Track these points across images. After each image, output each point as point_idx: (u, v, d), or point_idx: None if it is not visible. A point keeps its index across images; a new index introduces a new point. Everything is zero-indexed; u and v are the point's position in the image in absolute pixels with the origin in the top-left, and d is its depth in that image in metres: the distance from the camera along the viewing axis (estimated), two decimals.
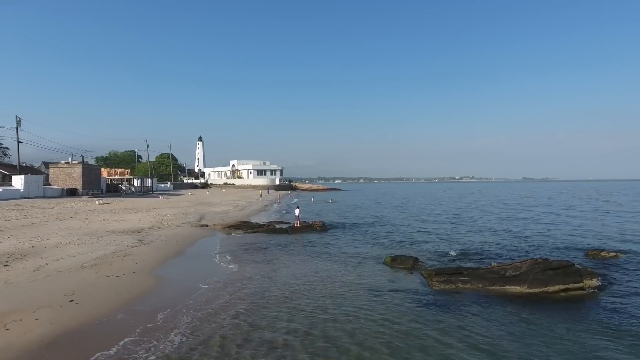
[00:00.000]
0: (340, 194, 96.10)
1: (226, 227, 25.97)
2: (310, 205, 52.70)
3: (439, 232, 25.15)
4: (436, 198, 74.08)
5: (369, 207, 49.21)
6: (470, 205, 50.71)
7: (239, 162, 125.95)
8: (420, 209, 45.49)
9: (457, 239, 22.47)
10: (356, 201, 62.94)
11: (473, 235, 23.72)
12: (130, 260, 14.42)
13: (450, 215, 37.20)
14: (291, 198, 70.48)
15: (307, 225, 26.39)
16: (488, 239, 22.06)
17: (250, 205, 46.16)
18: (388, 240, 22.13)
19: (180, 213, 32.52)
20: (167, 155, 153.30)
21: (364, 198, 75.12)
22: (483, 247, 19.12)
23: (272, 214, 37.26)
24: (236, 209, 38.77)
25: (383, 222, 31.41)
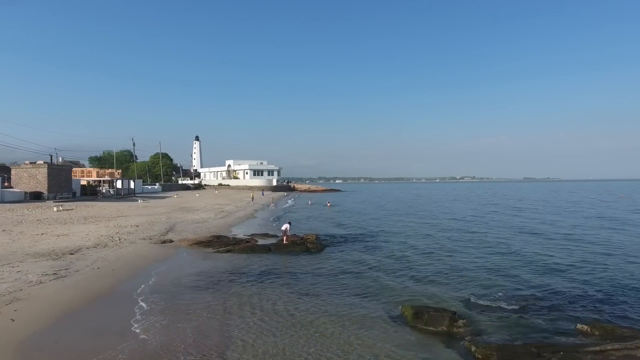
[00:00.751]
0: (340, 196, 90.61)
1: (194, 243, 20.51)
2: (307, 209, 47.26)
3: (463, 254, 19.63)
4: (441, 200, 68.56)
5: (371, 212, 43.75)
6: (486, 213, 45.12)
7: (235, 162, 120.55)
8: (430, 216, 39.98)
9: (492, 265, 16.97)
10: (357, 205, 57.47)
11: (511, 263, 18.17)
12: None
13: (467, 226, 31.67)
14: (287, 201, 65.00)
15: (297, 241, 20.95)
16: (541, 275, 16.54)
17: (237, 210, 40.69)
18: (400, 266, 16.64)
19: (147, 223, 27.04)
20: (159, 155, 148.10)
21: (365, 201, 69.63)
22: (539, 285, 13.60)
23: (260, 223, 31.78)
24: (218, 216, 33.30)
25: (389, 234, 25.92)
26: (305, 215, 40.08)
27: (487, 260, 17.65)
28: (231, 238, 21.74)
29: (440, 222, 33.06)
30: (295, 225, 30.83)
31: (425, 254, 19.28)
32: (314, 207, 52.19)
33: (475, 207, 50.24)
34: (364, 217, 37.24)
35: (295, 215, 40.32)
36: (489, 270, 15.65)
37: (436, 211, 44.55)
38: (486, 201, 65.46)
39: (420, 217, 37.58)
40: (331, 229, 28.74)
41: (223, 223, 29.47)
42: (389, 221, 34.10)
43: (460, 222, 33.48)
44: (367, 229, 28.28)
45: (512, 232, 26.60)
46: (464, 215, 38.87)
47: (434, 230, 27.75)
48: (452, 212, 43.05)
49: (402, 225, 30.76)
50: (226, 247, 19.77)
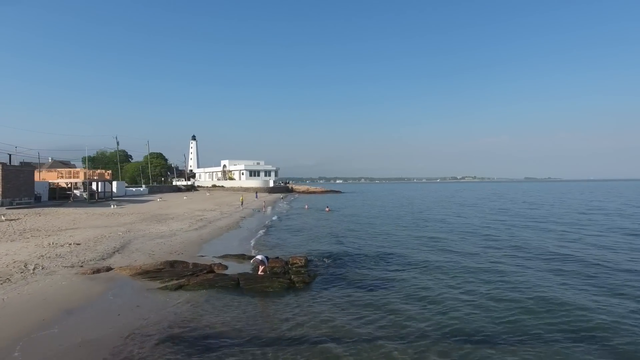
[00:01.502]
0: (340, 198, 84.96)
1: (139, 273, 14.96)
2: (302, 216, 41.69)
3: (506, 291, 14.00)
4: (448, 202, 62.91)
5: (377, 219, 38.18)
6: (507, 219, 39.46)
7: (231, 162, 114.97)
8: (445, 226, 34.39)
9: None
10: (358, 209, 51.87)
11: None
12: None
13: (500, 239, 26.07)
14: (282, 204, 59.38)
15: (278, 269, 15.43)
16: None
17: (221, 218, 35.14)
18: (422, 311, 11.08)
19: (95, 239, 21.48)
20: (155, 154, 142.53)
21: (367, 204, 63.97)
22: None
23: (242, 236, 26.20)
24: (193, 227, 27.73)
25: (403, 253, 20.35)
26: (299, 224, 34.52)
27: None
28: (191, 265, 16.11)
29: (464, 236, 27.43)
30: (285, 238, 25.31)
31: (446, 285, 13.74)
32: (311, 212, 46.60)
33: (491, 213, 44.65)
34: (369, 227, 31.64)
35: (288, 223, 34.78)
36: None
37: (449, 218, 38.96)
38: (505, 205, 59.75)
39: (436, 229, 31.99)
40: (328, 244, 23.16)
41: (195, 237, 23.89)
42: (400, 232, 28.50)
43: (491, 235, 27.85)
44: (374, 245, 22.69)
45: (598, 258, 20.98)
46: (486, 223, 33.27)
47: (458, 247, 22.15)
48: (468, 219, 37.44)
49: (417, 239, 25.16)
50: (179, 279, 14.24)
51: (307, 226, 32.61)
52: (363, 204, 64.65)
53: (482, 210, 46.76)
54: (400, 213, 45.14)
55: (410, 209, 52.15)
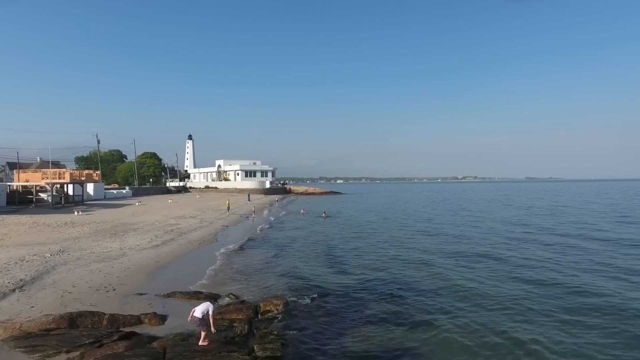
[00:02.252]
0: (341, 200, 79.22)
1: (17, 336, 9.41)
2: (295, 223, 36.08)
3: None
4: (458, 206, 57.25)
5: (383, 228, 32.60)
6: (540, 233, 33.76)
7: (226, 162, 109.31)
8: (465, 233, 28.74)
9: None
10: (360, 215, 46.22)
11: None
12: None
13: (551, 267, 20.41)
14: (275, 209, 53.71)
15: (238, 330, 9.89)
16: None
17: (198, 227, 29.54)
18: None
19: (7, 262, 15.90)
20: (149, 154, 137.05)
21: (370, 208, 58.25)
22: None
23: (212, 258, 20.55)
24: (153, 243, 22.13)
25: (426, 287, 14.73)
26: (289, 235, 28.87)
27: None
28: (105, 320, 10.41)
29: (503, 252, 21.77)
30: (265, 260, 19.63)
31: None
32: (306, 218, 40.97)
33: (503, 214, 39.03)
34: (375, 242, 26.00)
35: (276, 235, 29.14)
36: None
37: (467, 224, 33.36)
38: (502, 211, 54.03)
39: (459, 243, 26.33)
40: (321, 273, 17.50)
41: (148, 259, 18.27)
42: (415, 252, 22.86)
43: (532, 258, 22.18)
44: (382, 273, 17.06)
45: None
46: (512, 235, 27.63)
47: (498, 272, 16.49)
48: (491, 229, 31.79)
49: (441, 262, 19.50)
50: (70, 351, 8.66)
51: (298, 238, 26.94)
52: (365, 206, 59.00)
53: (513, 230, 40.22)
54: (408, 221, 39.55)
55: (416, 216, 46.51)
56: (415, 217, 42.61)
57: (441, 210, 51.17)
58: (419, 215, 44.93)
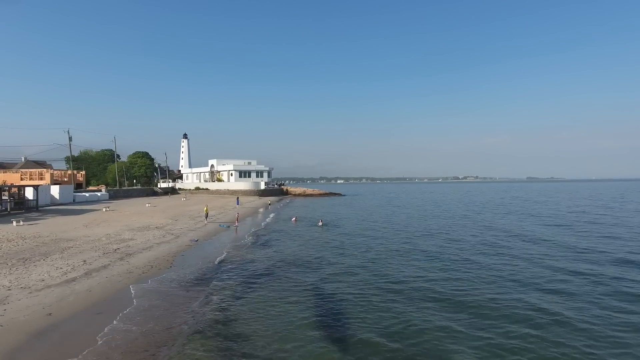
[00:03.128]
0: (341, 204, 72.20)
1: None
2: (284, 236, 29.16)
3: None
4: (475, 211, 50.31)
5: (394, 244, 25.68)
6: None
7: (219, 161, 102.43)
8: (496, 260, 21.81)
9: None
10: (364, 224, 39.27)
11: None
12: None
13: None
14: (263, 215, 46.76)
15: None
16: None
17: (155, 244, 22.64)
18: None
19: None
20: (141, 154, 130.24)
21: (373, 213, 51.30)
22: None
23: (150, 295, 13.65)
24: (68, 277, 15.23)
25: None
26: (269, 257, 21.85)
27: None
28: None
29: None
30: (223, 316, 12.44)
31: None
32: (299, 227, 34.05)
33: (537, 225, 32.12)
34: (385, 266, 19.08)
35: (253, 256, 22.15)
36: None
37: (501, 235, 26.50)
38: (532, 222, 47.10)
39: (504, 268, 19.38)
40: (308, 338, 10.57)
41: (32, 314, 11.38)
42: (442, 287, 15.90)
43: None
44: (398, 320, 10.13)
45: None
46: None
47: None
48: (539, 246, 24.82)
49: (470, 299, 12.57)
50: None
51: (281, 263, 19.96)
52: (369, 212, 52.08)
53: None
54: (423, 232, 32.65)
55: (428, 222, 39.60)
56: (435, 229, 35.71)
57: (459, 217, 44.24)
58: (438, 225, 38.02)
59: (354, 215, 45.43)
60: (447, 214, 46.40)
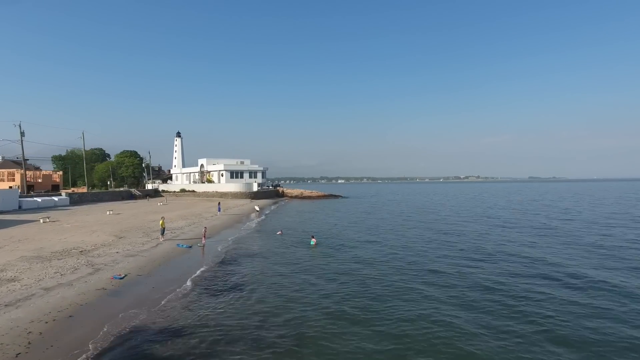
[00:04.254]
0: (340, 208, 63.39)
1: None
2: (262, 260, 20.57)
3: None
4: (498, 219, 41.59)
5: (413, 278, 17.08)
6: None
7: (209, 161, 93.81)
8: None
9: None
10: (369, 236, 30.70)
11: None
12: None
13: None
14: (247, 225, 38.05)
15: None
16: None
17: (44, 291, 13.99)
18: None
19: None
20: (129, 153, 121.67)
21: (382, 221, 42.63)
22: None
23: None
24: None
25: None
26: (222, 317, 13.18)
27: None
28: None
29: None
30: None
31: None
32: (283, 247, 25.40)
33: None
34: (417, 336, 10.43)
35: (205, 303, 13.54)
36: None
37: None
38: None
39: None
40: None
41: None
42: None
43: None
44: None
45: None
46: None
47: None
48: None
49: None
50: None
51: (244, 323, 11.31)
52: (373, 218, 43.39)
53: None
54: (437, 242, 23.97)
55: (449, 232, 30.91)
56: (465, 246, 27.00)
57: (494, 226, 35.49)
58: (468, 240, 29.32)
59: (359, 226, 36.67)
60: (481, 221, 37.63)
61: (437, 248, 24.57)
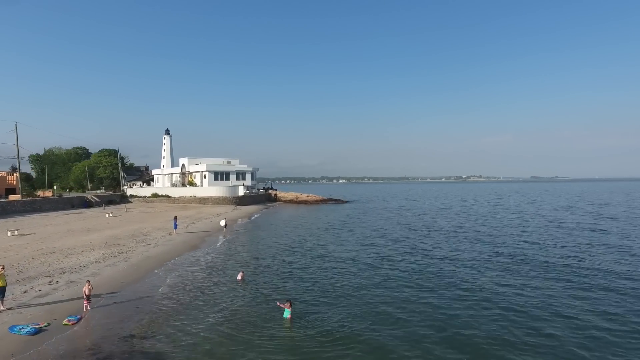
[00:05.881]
0: (344, 220, 50.54)
1: None
2: (198, 346, 8.06)
3: None
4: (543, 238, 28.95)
5: None
6: None
7: (191, 160, 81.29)
8: None
9: None
10: (401, 279, 18.01)
11: None
12: None
13: None
14: (195, 260, 25.24)
15: None
16: None
17: None
18: None
19: None
20: (108, 151, 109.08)
21: (410, 251, 29.96)
22: None
23: None
24: None
25: None
26: None
27: None
28: None
29: None
30: None
31: None
32: (240, 310, 12.88)
33: None
34: None
35: None
36: None
37: None
38: None
39: None
40: None
41: None
42: None
43: None
44: None
45: None
46: None
47: None
48: None
49: None
50: None
51: None
52: (379, 235, 30.73)
53: None
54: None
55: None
56: None
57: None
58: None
59: (383, 258, 23.90)
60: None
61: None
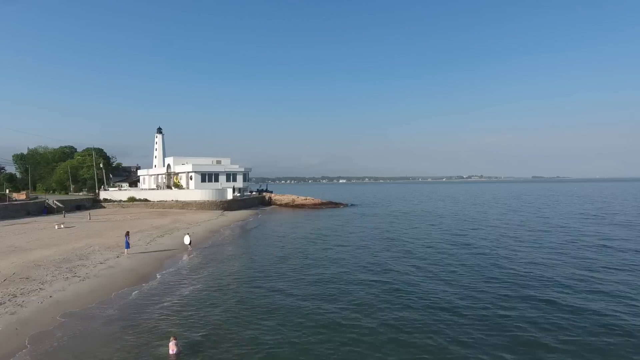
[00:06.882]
0: (347, 230, 43.16)
1: None
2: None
3: None
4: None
5: None
6: None
7: (177, 160, 74.05)
8: None
9: None
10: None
11: None
12: None
13: None
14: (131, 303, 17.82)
15: None
16: None
17: None
18: None
19: None
20: (91, 150, 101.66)
21: (411, 273, 22.36)
22: None
23: None
24: None
25: None
26: None
27: None
28: None
29: None
30: None
31: None
32: None
33: None
34: None
35: None
36: None
37: None
38: None
39: None
40: None
41: None
42: None
43: None
44: None
45: None
46: None
47: None
48: None
49: None
50: None
51: None
52: (391, 256, 23.47)
53: None
54: None
55: None
56: None
57: None
58: None
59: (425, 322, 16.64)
60: None
61: None
